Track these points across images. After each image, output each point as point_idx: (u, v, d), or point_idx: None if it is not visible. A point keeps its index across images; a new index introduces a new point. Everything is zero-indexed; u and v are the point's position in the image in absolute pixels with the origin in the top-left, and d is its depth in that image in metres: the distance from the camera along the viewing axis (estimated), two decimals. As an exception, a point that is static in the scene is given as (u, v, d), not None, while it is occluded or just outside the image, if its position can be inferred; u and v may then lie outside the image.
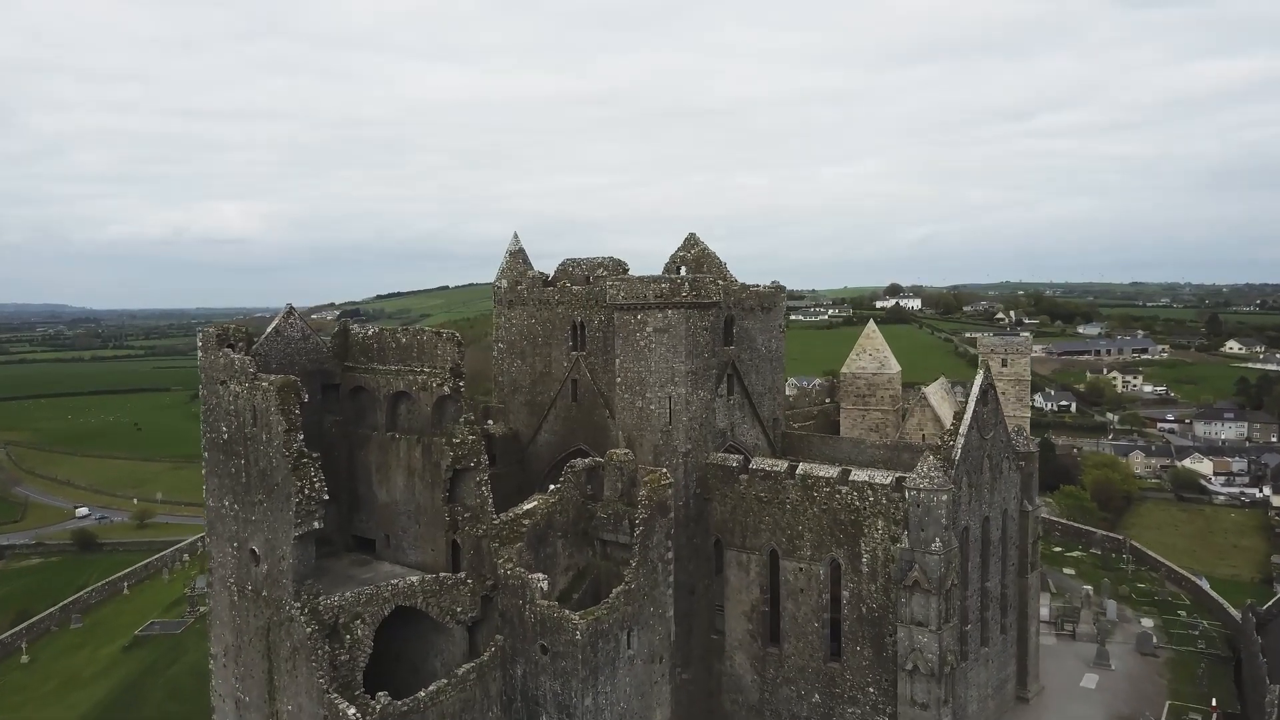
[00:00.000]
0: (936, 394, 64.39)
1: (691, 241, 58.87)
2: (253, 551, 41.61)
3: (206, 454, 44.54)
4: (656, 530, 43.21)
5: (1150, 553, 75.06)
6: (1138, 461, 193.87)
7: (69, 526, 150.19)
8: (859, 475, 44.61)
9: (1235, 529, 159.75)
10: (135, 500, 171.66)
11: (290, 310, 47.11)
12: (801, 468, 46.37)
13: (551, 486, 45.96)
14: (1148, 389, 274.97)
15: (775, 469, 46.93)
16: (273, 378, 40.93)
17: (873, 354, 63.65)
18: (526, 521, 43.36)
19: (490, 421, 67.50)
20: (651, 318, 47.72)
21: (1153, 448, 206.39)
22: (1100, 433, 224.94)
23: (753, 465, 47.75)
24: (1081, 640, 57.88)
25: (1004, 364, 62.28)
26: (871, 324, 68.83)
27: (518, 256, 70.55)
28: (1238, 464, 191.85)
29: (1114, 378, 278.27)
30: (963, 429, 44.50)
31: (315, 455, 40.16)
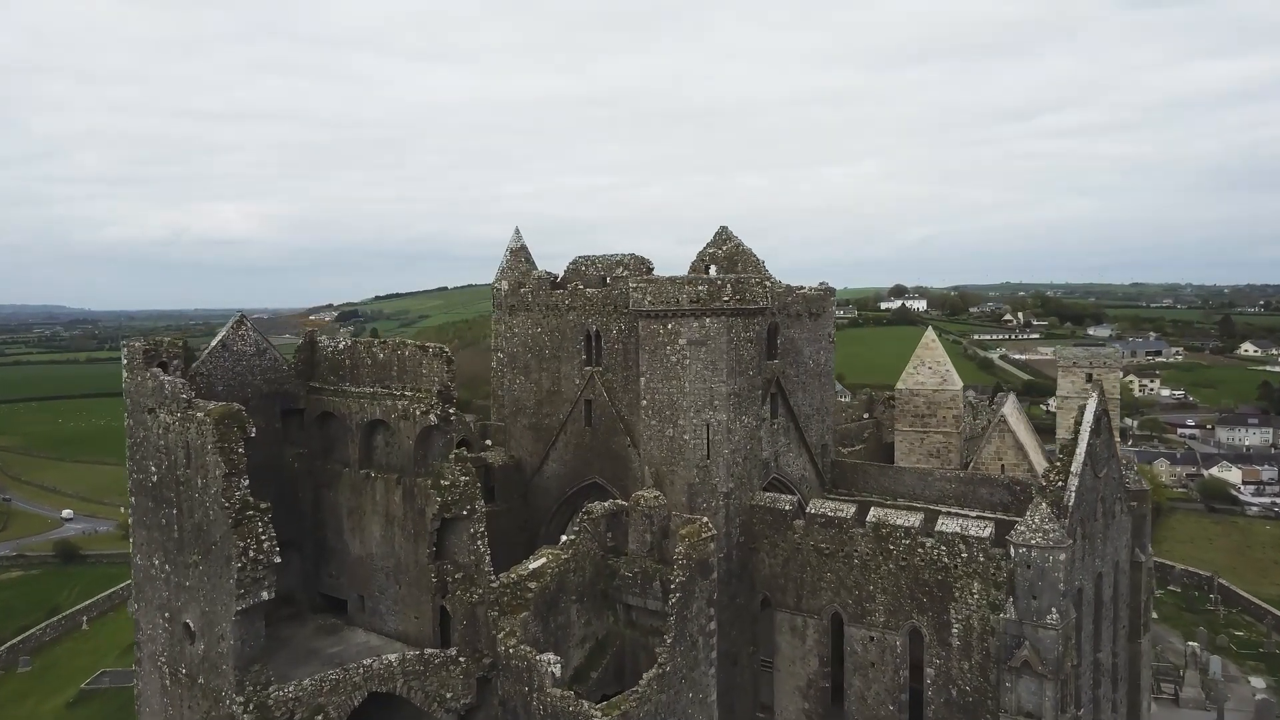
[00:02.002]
0: (1014, 414, 55.72)
1: (723, 236, 50.05)
2: (186, 626, 32.81)
3: (133, 499, 35.74)
4: (697, 596, 34.46)
5: (1241, 591, 66.35)
6: (1163, 470, 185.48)
7: (53, 536, 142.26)
8: (949, 525, 35.86)
9: (1273, 542, 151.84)
10: (123, 509, 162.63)
11: (241, 320, 38.30)
12: (874, 514, 37.60)
13: (564, 537, 37.19)
14: (1165, 393, 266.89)
15: (839, 515, 38.18)
16: (211, 406, 32.14)
17: (933, 367, 54.88)
18: (533, 585, 34.55)
19: (488, 443, 58.90)
20: (685, 327, 38.96)
21: (1177, 455, 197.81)
22: (1120, 439, 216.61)
23: (811, 509, 38.99)
24: (1188, 708, 49.18)
25: (1089, 380, 53.73)
26: (930, 333, 60.02)
27: (519, 255, 61.73)
28: (1267, 472, 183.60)
29: (1130, 381, 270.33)
30: (1075, 466, 35.80)
31: (264, 506, 31.39)
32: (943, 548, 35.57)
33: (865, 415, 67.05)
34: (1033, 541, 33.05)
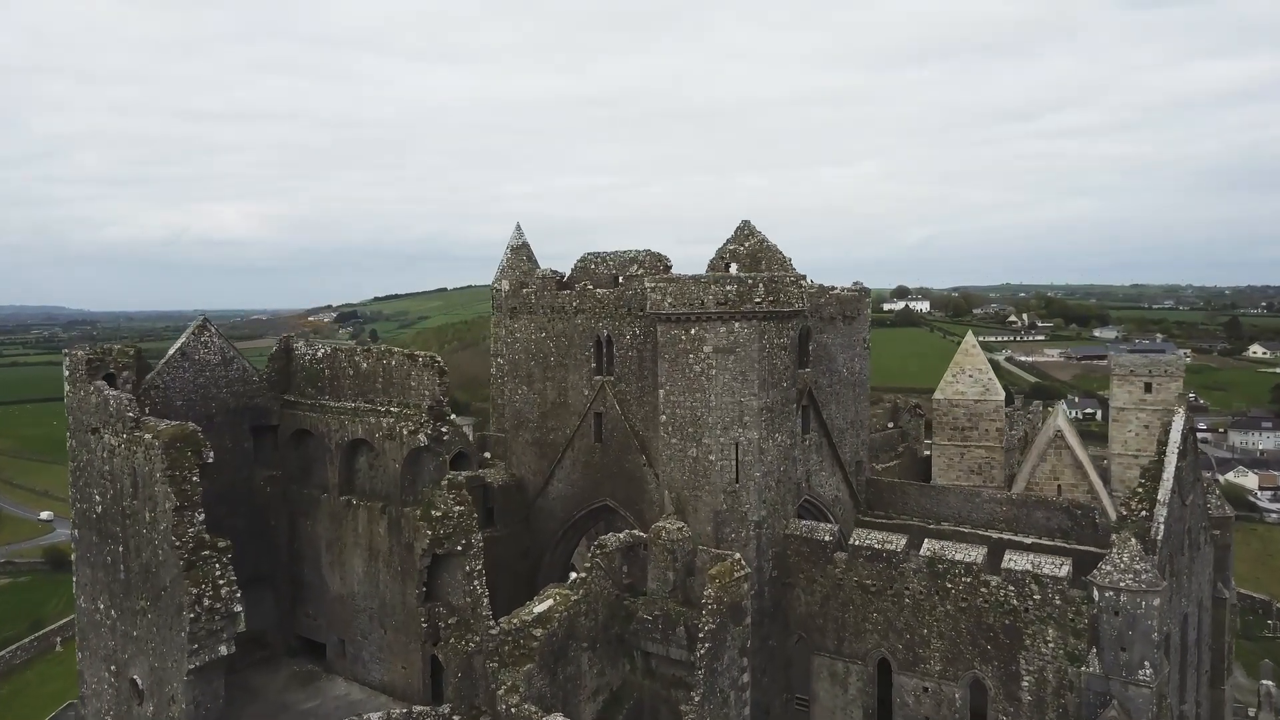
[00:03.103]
0: (1068, 428, 50.99)
1: (746, 231, 45.24)
2: (134, 683, 28.08)
3: (76, 531, 31.01)
4: (729, 645, 29.75)
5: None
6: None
7: (43, 543, 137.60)
8: (1018, 560, 31.11)
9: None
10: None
11: (204, 324, 33.51)
12: (928, 547, 32.85)
13: (573, 575, 32.47)
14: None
15: (888, 547, 33.42)
16: (162, 427, 27.40)
17: (974, 375, 50.14)
18: (539, 632, 29.77)
19: (487, 455, 54.17)
20: (711, 332, 34.22)
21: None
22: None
23: (856, 540, 34.23)
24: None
25: (1148, 389, 49.15)
26: (970, 338, 55.20)
27: (521, 253, 56.96)
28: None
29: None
30: (1162, 494, 31.10)
31: (222, 545, 26.70)
32: (1011, 588, 30.84)
33: (890, 425, 62.35)
34: (1122, 584, 28.32)
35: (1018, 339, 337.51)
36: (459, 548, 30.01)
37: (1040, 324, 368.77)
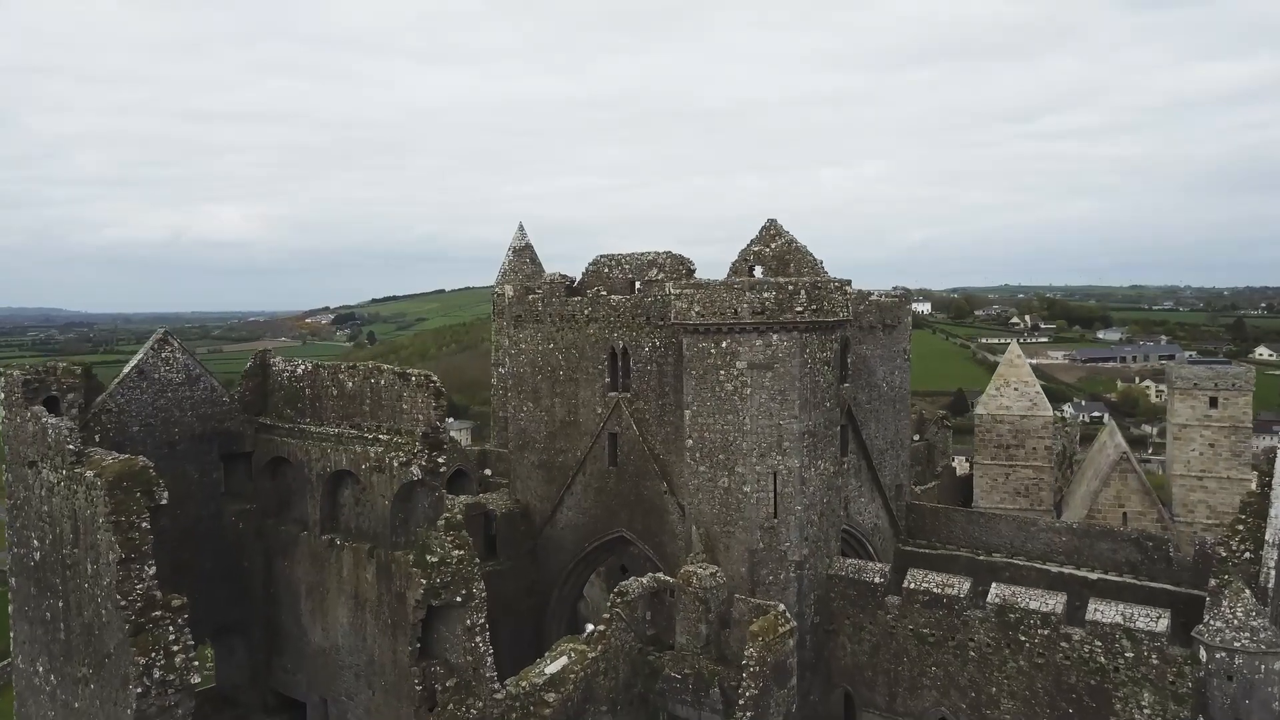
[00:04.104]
0: (1124, 446, 46.89)
1: (772, 233, 41.05)
2: (76, 763, 23.83)
3: (13, 580, 26.76)
4: (772, 712, 25.57)
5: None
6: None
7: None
8: (1105, 611, 26.93)
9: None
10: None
11: (165, 338, 29.25)
12: (997, 593, 28.66)
13: (590, 628, 28.27)
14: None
15: (949, 592, 29.23)
16: (107, 461, 23.20)
17: (1019, 388, 45.94)
18: (551, 697, 25.59)
19: (487, 472, 50.04)
20: (746, 345, 30.01)
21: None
22: (1140, 447, 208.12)
23: (910, 583, 30.02)
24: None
25: (1213, 404, 45.09)
26: (1015, 348, 50.89)
27: (524, 254, 52.86)
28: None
29: (1146, 386, 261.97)
30: (1271, 535, 26.93)
31: (177, 603, 22.51)
32: (1098, 643, 26.66)
33: (916, 438, 58.20)
34: (1237, 644, 24.16)
35: (1021, 341, 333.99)
36: (458, 599, 25.78)
37: (1043, 325, 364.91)
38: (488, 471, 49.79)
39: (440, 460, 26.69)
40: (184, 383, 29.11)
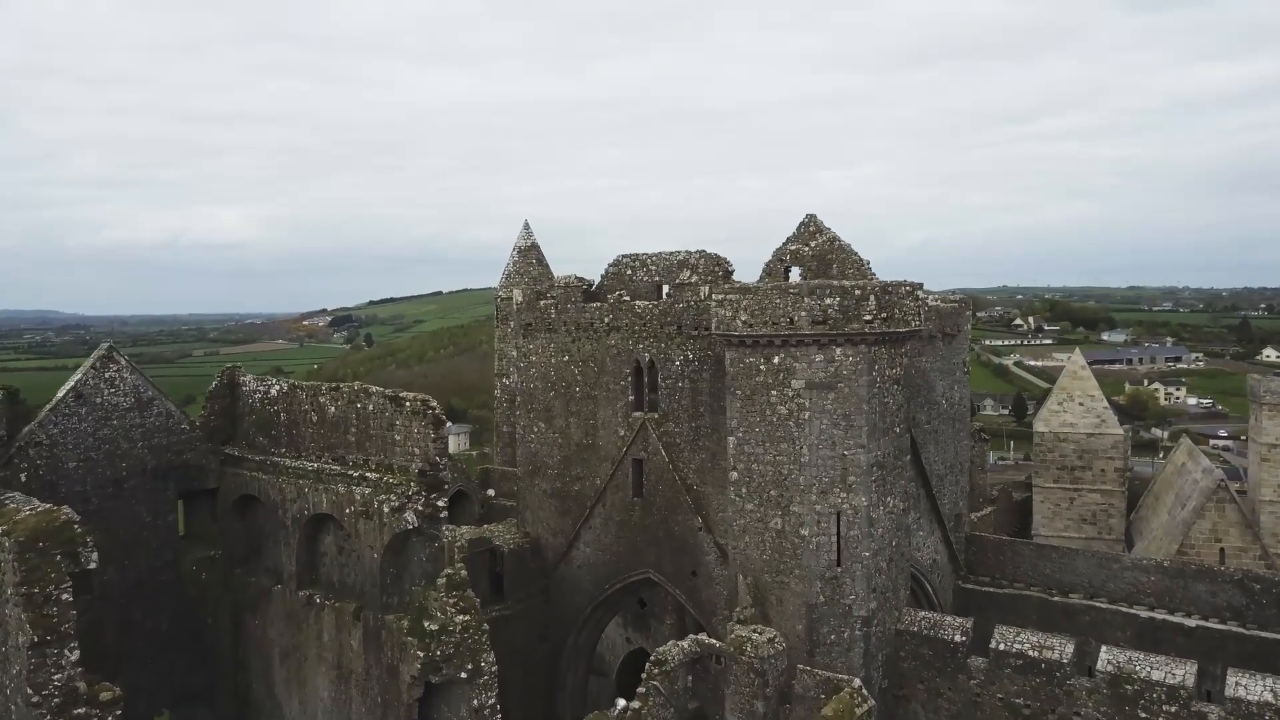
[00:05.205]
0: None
1: (812, 229, 36.43)
2: None
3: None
4: (850, 815, 20.85)
5: None
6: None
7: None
8: (1249, 686, 22.23)
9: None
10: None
11: (110, 354, 24.44)
12: (1108, 657, 23.93)
13: (621, 703, 23.54)
14: (1192, 401, 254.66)
15: (1048, 656, 24.50)
16: (22, 514, 18.42)
17: (1085, 403, 41.28)
18: (579, 796, 20.83)
19: (490, 493, 45.37)
20: (804, 361, 25.28)
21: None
22: (1150, 450, 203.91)
23: (999, 643, 25.28)
24: None
25: (1308, 421, 40.69)
26: (1078, 356, 46.13)
27: (530, 255, 48.17)
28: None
29: (1155, 389, 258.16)
30: None
31: (107, 696, 17.78)
32: (1241, 725, 21.98)
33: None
34: None
35: (1024, 343, 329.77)
36: (463, 675, 21.05)
37: (1046, 327, 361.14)
38: (491, 492, 45.16)
39: (441, 505, 21.96)
40: (133, 407, 24.34)
